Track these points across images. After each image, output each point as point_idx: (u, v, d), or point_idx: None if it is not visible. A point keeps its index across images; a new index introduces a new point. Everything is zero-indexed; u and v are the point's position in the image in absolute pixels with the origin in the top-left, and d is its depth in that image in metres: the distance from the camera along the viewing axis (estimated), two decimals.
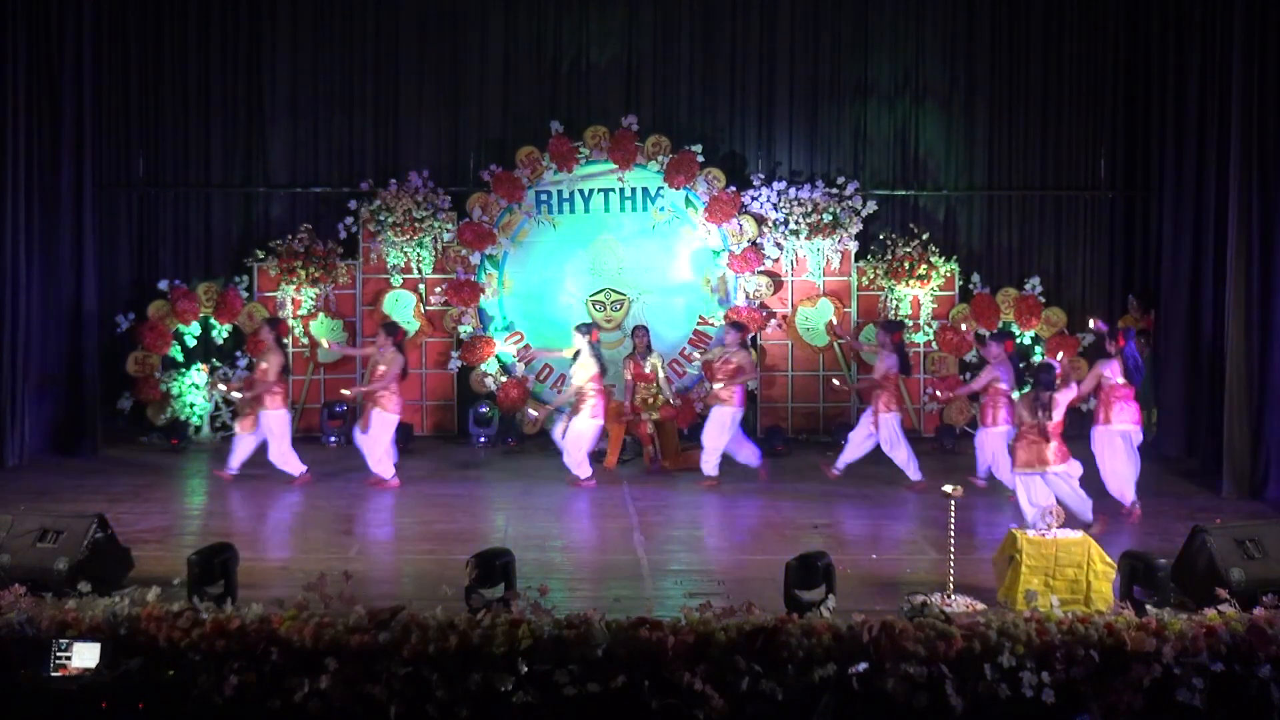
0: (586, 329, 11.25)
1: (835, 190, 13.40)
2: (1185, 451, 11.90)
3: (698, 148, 13.33)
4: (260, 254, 13.37)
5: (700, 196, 13.40)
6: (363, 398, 11.01)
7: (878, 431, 10.94)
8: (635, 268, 13.57)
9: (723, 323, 13.10)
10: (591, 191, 13.55)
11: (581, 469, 11.00)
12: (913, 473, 10.92)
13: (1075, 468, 9.15)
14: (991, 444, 10.64)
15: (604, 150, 13.35)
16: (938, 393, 12.30)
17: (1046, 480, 8.85)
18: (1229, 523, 7.94)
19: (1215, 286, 11.19)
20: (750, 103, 13.82)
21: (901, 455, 10.93)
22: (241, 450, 10.94)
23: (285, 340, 12.41)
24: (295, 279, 13.15)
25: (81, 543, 7.31)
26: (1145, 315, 13.03)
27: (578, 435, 10.96)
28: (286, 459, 10.88)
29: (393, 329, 11.22)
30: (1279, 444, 10.27)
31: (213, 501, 10.59)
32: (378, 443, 10.81)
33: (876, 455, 11.07)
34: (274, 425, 10.82)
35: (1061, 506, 8.00)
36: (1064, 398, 8.95)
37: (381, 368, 10.89)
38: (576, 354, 11.13)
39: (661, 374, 11.79)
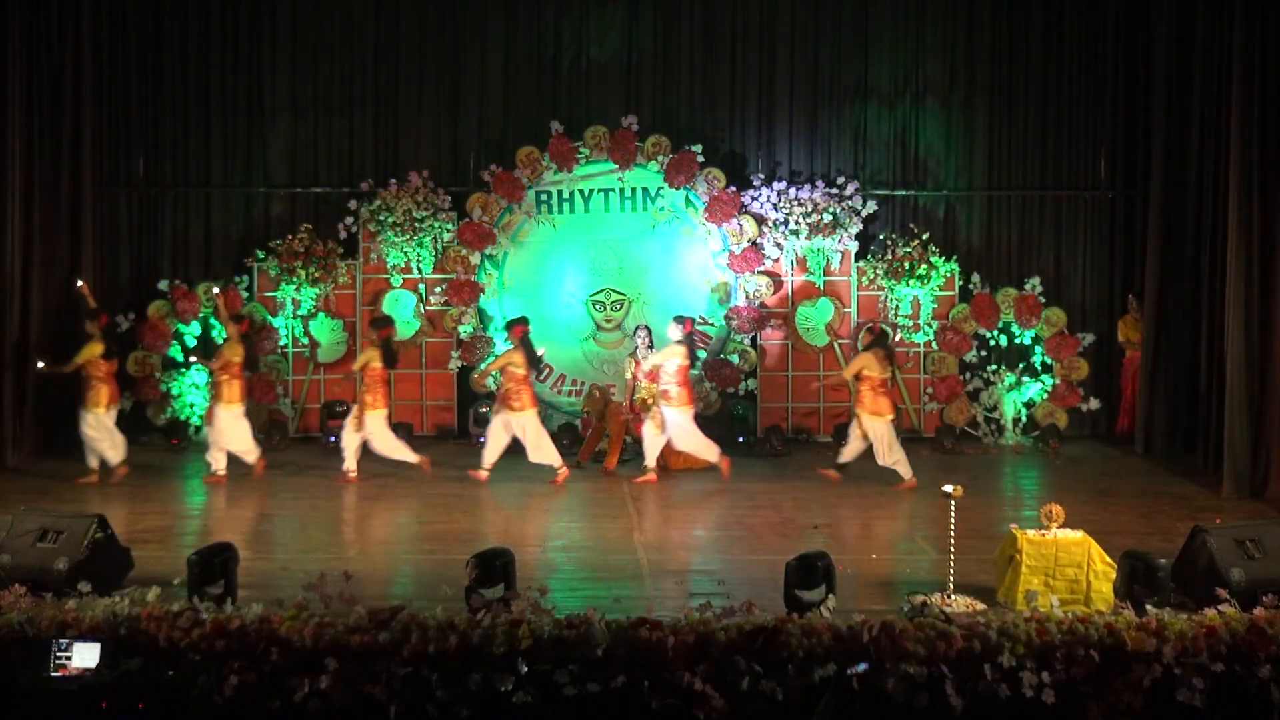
0: (512, 324, 11.45)
1: (835, 190, 13.39)
2: (1185, 451, 11.89)
3: (698, 148, 13.32)
4: (260, 254, 13.37)
5: (700, 196, 13.39)
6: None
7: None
8: (635, 268, 13.57)
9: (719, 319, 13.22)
10: (591, 191, 13.54)
11: (485, 461, 11.05)
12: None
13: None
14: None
15: (604, 150, 13.35)
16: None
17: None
18: (1229, 523, 7.95)
19: (1215, 285, 11.19)
20: (750, 103, 13.81)
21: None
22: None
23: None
24: (295, 279, 13.15)
25: (81, 543, 7.31)
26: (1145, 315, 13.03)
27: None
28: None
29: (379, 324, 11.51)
30: (1279, 444, 10.27)
31: (213, 501, 10.60)
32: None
33: (868, 453, 11.05)
34: None
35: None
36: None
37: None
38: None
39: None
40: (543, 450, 11.13)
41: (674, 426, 11.17)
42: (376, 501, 10.50)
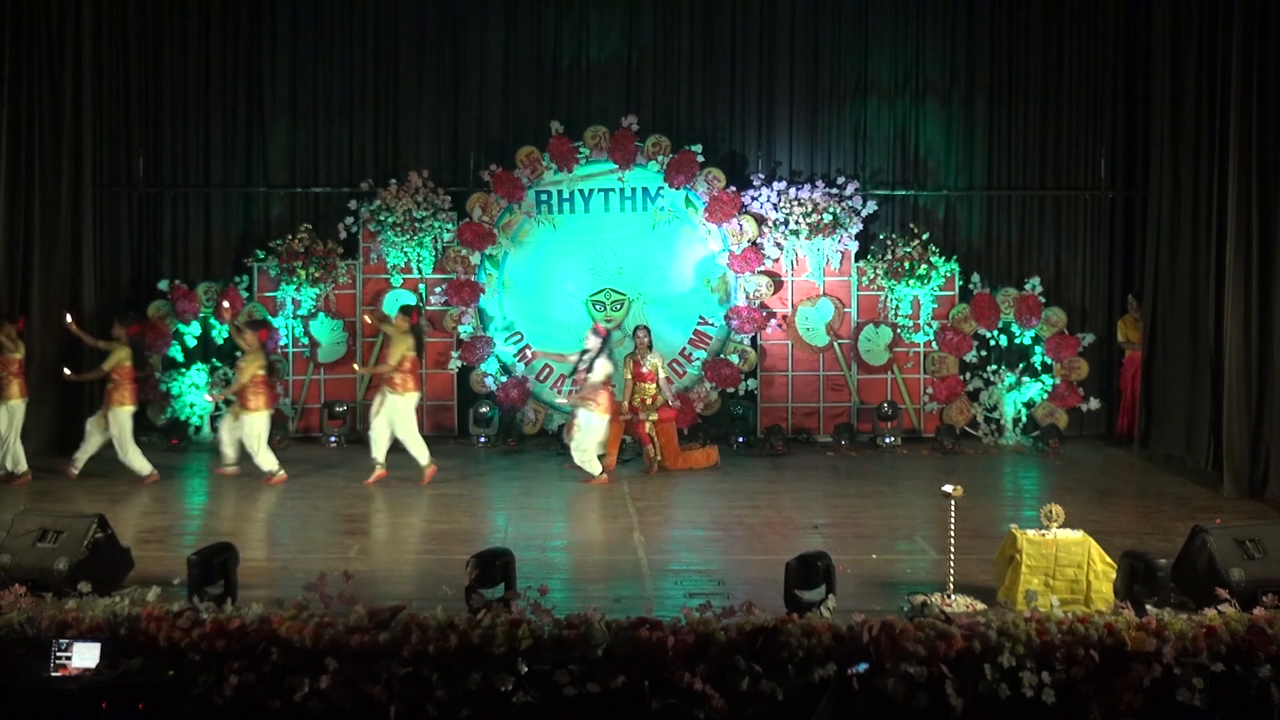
0: (258, 324, 11.61)
1: (835, 190, 13.39)
2: (1185, 451, 11.89)
3: (698, 148, 13.32)
4: (260, 254, 13.37)
5: (700, 196, 13.39)
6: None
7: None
8: (635, 268, 13.57)
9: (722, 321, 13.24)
10: (591, 191, 13.54)
11: (266, 464, 11.07)
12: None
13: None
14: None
15: (604, 150, 13.35)
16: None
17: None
18: (1229, 523, 7.96)
19: (1214, 285, 11.19)
20: (750, 103, 13.81)
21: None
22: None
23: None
24: (295, 279, 13.15)
25: (81, 543, 7.32)
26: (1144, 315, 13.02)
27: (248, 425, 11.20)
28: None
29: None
30: (1279, 444, 10.27)
31: (213, 501, 10.60)
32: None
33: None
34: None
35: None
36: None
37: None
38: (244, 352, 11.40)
39: (662, 374, 11.79)
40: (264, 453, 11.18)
41: (392, 413, 11.03)
42: (376, 502, 10.50)
